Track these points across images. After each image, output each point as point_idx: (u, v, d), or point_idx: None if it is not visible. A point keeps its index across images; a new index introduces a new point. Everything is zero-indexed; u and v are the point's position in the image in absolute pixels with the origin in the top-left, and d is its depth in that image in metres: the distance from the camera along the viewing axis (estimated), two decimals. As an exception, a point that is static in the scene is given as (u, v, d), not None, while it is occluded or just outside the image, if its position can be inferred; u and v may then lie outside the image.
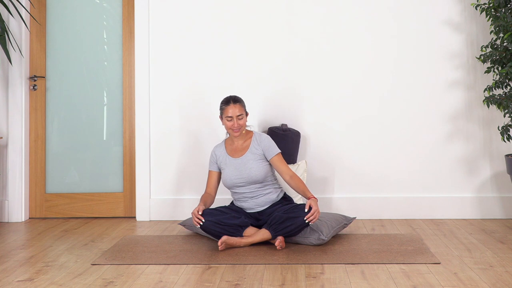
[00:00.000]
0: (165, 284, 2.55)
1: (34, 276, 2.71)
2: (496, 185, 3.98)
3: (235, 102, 3.37)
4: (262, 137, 3.44)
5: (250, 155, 3.39)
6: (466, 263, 2.82)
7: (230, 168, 3.39)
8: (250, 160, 3.37)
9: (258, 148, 3.40)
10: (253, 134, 3.46)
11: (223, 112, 3.38)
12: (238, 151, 3.43)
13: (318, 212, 3.12)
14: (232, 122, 3.35)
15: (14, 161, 4.12)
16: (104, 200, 4.21)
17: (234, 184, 3.38)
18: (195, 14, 4.12)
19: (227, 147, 3.47)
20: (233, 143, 3.46)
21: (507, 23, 3.49)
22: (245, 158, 3.39)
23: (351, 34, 4.06)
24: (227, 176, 3.39)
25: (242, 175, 3.36)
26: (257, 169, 3.35)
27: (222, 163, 3.45)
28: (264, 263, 2.85)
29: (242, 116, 3.37)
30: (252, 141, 3.43)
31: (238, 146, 3.45)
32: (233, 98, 3.40)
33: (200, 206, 3.24)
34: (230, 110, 3.35)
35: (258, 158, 3.38)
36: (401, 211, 3.99)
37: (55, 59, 4.27)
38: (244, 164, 3.37)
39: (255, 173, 3.34)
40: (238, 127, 3.35)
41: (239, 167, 3.37)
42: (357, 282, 2.53)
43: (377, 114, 4.04)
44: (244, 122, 3.39)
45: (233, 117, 3.34)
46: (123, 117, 4.22)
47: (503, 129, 3.65)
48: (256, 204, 3.37)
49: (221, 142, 3.54)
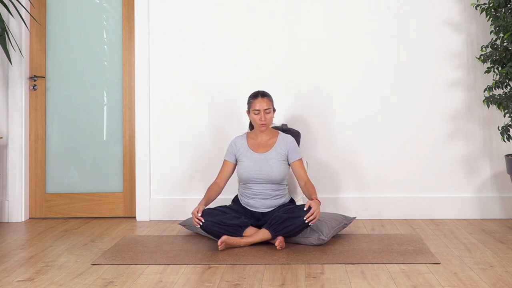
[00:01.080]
0: (165, 284, 2.55)
1: (34, 276, 2.71)
2: (496, 185, 3.98)
3: (263, 96, 3.37)
4: (289, 139, 3.42)
5: (275, 154, 3.37)
6: (466, 263, 2.82)
7: (250, 162, 3.36)
8: (273, 159, 3.36)
9: (283, 148, 3.39)
10: (279, 134, 3.45)
11: (251, 105, 3.37)
12: (262, 147, 3.41)
13: (318, 213, 3.12)
14: (259, 115, 3.34)
15: (14, 161, 4.13)
16: (104, 200, 4.21)
17: (251, 178, 3.35)
18: (195, 14, 4.12)
19: (249, 141, 3.44)
20: (257, 137, 3.44)
21: (507, 23, 3.49)
22: (269, 155, 3.37)
23: (351, 34, 4.06)
24: (245, 169, 3.36)
25: (262, 171, 3.33)
26: (278, 169, 3.34)
27: (241, 155, 3.41)
28: (264, 263, 2.85)
29: (269, 110, 3.36)
30: (278, 140, 3.42)
31: (261, 141, 3.43)
32: (261, 93, 3.39)
33: (200, 206, 3.23)
34: (258, 104, 3.34)
35: (281, 159, 3.37)
36: (401, 211, 3.99)
37: (55, 59, 4.27)
38: (266, 161, 3.35)
39: (275, 173, 3.33)
40: (265, 120, 3.34)
41: (260, 163, 3.35)
42: (357, 282, 2.53)
43: (377, 114, 4.04)
44: (271, 117, 3.38)
45: (260, 111, 3.33)
46: (123, 117, 4.22)
47: (503, 129, 3.65)
48: (263, 204, 3.36)
49: (242, 134, 3.51)
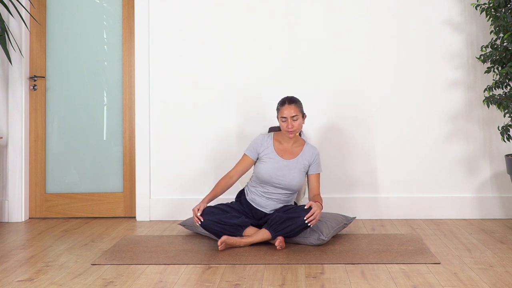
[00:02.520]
0: (165, 284, 2.55)
1: (34, 276, 2.71)
2: (496, 185, 3.98)
3: (291, 103, 3.29)
4: (316, 151, 3.39)
5: (299, 163, 3.34)
6: (466, 263, 2.82)
7: (273, 165, 3.32)
8: (296, 168, 3.32)
9: (308, 159, 3.36)
10: (306, 144, 3.40)
11: (279, 112, 3.31)
12: (287, 153, 3.37)
13: (318, 214, 3.12)
14: (286, 123, 3.28)
15: (14, 161, 4.13)
16: (104, 200, 4.21)
17: (270, 181, 3.31)
18: (195, 14, 4.12)
19: (275, 143, 3.39)
20: (283, 142, 3.39)
21: (507, 23, 3.49)
22: (293, 163, 3.33)
23: (351, 34, 4.06)
24: (267, 171, 3.31)
25: (284, 178, 3.30)
26: (299, 179, 3.32)
27: (266, 155, 3.36)
28: (264, 263, 2.85)
29: (297, 117, 3.28)
30: (304, 150, 3.37)
31: (287, 147, 3.38)
32: (289, 99, 3.32)
33: (202, 203, 3.23)
34: (286, 111, 3.27)
35: (303, 169, 3.34)
36: (401, 211, 3.99)
37: (55, 59, 4.27)
38: (289, 169, 3.31)
39: (295, 183, 3.31)
40: (292, 128, 3.27)
41: (283, 169, 3.31)
42: (357, 282, 2.53)
43: (377, 113, 4.04)
44: (300, 123, 3.30)
45: (287, 118, 3.27)
46: (123, 117, 4.22)
47: (503, 129, 3.65)
48: (269, 205, 3.35)
49: (269, 134, 3.44)
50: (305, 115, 3.38)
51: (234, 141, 4.06)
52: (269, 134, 3.45)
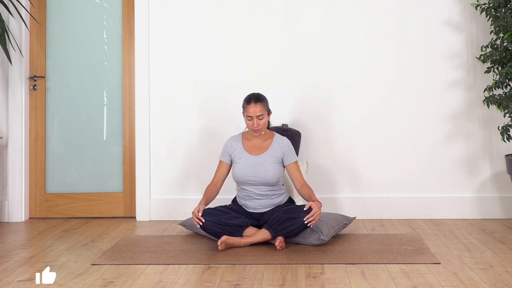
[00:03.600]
0: (165, 284, 2.55)
1: (34, 276, 2.71)
2: (496, 185, 3.98)
3: (256, 102, 3.29)
4: (284, 141, 3.39)
5: (269, 156, 3.34)
6: (466, 263, 2.82)
7: (245, 164, 3.34)
8: (267, 162, 3.33)
9: (278, 151, 3.36)
10: (275, 136, 3.41)
11: (244, 110, 3.31)
12: (256, 149, 3.38)
13: (318, 215, 3.11)
14: (252, 121, 3.29)
15: (14, 161, 4.12)
16: (104, 200, 4.21)
17: (245, 180, 3.33)
18: (195, 14, 4.12)
19: (244, 141, 3.41)
20: (252, 139, 3.40)
21: (507, 23, 3.49)
22: (263, 157, 3.34)
23: (351, 34, 4.06)
24: (240, 171, 3.34)
25: (257, 174, 3.31)
26: (273, 172, 3.32)
27: (236, 156, 3.38)
28: (264, 263, 2.85)
29: (263, 116, 3.29)
30: (274, 142, 3.38)
31: (256, 143, 3.39)
32: (255, 97, 3.32)
33: (200, 205, 3.23)
34: (251, 110, 3.27)
35: (275, 161, 3.34)
36: (401, 211, 3.99)
37: (55, 59, 4.27)
38: (260, 164, 3.33)
39: (270, 176, 3.31)
40: (257, 127, 3.29)
41: (254, 165, 3.33)
42: (357, 282, 2.53)
43: (377, 114, 4.04)
44: (265, 122, 3.32)
45: (253, 117, 3.28)
46: (123, 117, 4.22)
47: (503, 129, 3.65)
48: (260, 205, 3.36)
49: (237, 135, 3.47)
50: (271, 112, 3.39)
51: (234, 141, 4.06)
52: (238, 134, 3.47)
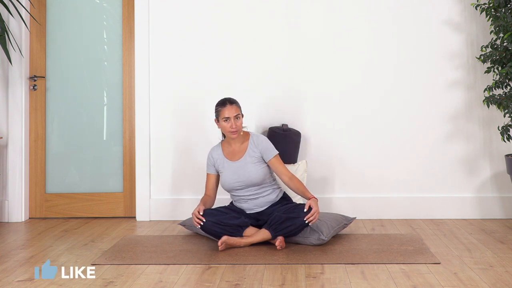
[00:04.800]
0: (165, 284, 2.55)
1: (34, 276, 2.71)
2: (496, 185, 3.98)
3: (231, 103, 3.32)
4: (260, 139, 3.39)
5: (248, 158, 3.35)
6: (466, 263, 2.82)
7: (228, 172, 3.36)
8: (248, 163, 3.34)
9: (255, 150, 3.36)
10: (250, 136, 3.41)
11: (220, 113, 3.32)
12: (236, 154, 3.39)
13: (318, 212, 3.12)
14: (230, 123, 3.30)
15: (14, 161, 4.12)
16: (104, 200, 4.21)
17: (232, 187, 3.36)
18: (195, 14, 4.12)
19: (224, 150, 3.43)
20: (230, 145, 3.42)
21: (507, 23, 3.49)
22: (243, 161, 3.35)
23: (351, 34, 4.06)
24: (225, 180, 3.37)
25: (240, 178, 3.33)
26: (255, 172, 3.32)
27: (220, 166, 3.41)
28: (264, 263, 2.85)
29: (239, 116, 3.32)
30: (250, 143, 3.39)
31: (235, 148, 3.40)
32: (229, 99, 3.35)
33: (200, 206, 3.24)
34: (227, 111, 3.29)
35: (256, 161, 3.35)
36: (401, 211, 3.99)
37: (55, 59, 4.27)
38: (242, 168, 3.34)
39: (253, 176, 3.32)
40: (236, 128, 3.30)
41: (237, 171, 3.34)
42: (357, 282, 2.53)
43: (377, 114, 4.04)
44: (241, 123, 3.35)
45: (230, 118, 3.29)
46: (123, 117, 4.22)
47: (503, 129, 3.65)
48: (255, 205, 3.36)
49: (217, 145, 3.49)
50: (243, 115, 3.40)
51: (234, 141, 4.06)
52: (217, 144, 3.49)
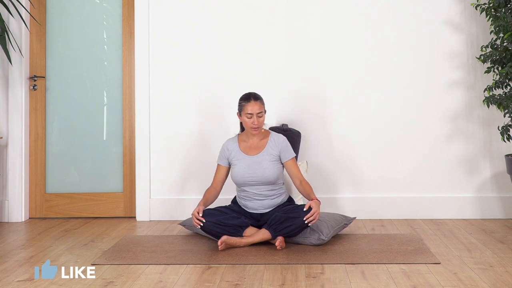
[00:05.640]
0: (165, 284, 2.55)
1: (34, 276, 2.71)
2: (496, 185, 3.98)
3: (256, 99, 3.30)
4: (280, 138, 3.38)
5: (266, 155, 3.34)
6: (466, 263, 2.82)
7: (243, 165, 3.34)
8: (265, 160, 3.33)
9: (275, 149, 3.35)
10: (270, 134, 3.41)
11: (243, 108, 3.31)
12: (253, 149, 3.38)
13: (318, 213, 3.11)
14: (252, 119, 3.28)
15: (14, 161, 4.12)
16: (104, 200, 4.21)
17: (245, 181, 3.33)
18: (195, 14, 4.12)
19: (240, 143, 3.41)
20: (248, 140, 3.40)
21: (507, 23, 3.49)
22: (260, 157, 3.34)
23: (351, 34, 4.06)
24: (239, 173, 3.34)
25: (255, 174, 3.31)
26: (271, 170, 3.32)
27: (234, 158, 3.38)
28: (264, 263, 2.85)
29: (261, 113, 3.30)
30: (269, 141, 3.38)
31: (253, 143, 3.39)
32: (253, 95, 3.33)
33: (200, 206, 3.23)
34: (250, 107, 3.28)
35: (273, 159, 3.34)
36: (401, 211, 3.99)
37: (55, 59, 4.27)
38: (258, 163, 3.33)
39: (268, 174, 3.31)
40: (257, 124, 3.29)
41: (252, 166, 3.33)
42: (357, 282, 2.53)
43: (377, 114, 4.04)
44: (263, 120, 3.33)
45: (253, 114, 3.28)
46: (123, 117, 4.22)
47: (503, 129, 3.65)
48: (261, 205, 3.35)
49: (234, 137, 3.47)
50: (266, 111, 3.39)
51: (234, 141, 4.06)
52: (234, 137, 3.47)
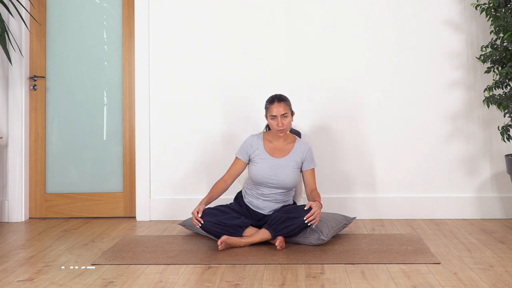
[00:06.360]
0: (165, 284, 2.56)
1: (34, 276, 2.71)
2: (496, 185, 3.98)
3: (280, 101, 3.28)
4: (306, 147, 3.37)
5: (291, 161, 3.32)
6: (466, 263, 2.82)
7: (266, 166, 3.30)
8: (289, 166, 3.31)
9: (300, 156, 3.34)
10: (297, 140, 3.38)
11: (268, 110, 3.30)
12: (278, 151, 3.35)
13: (318, 214, 3.11)
14: (276, 121, 3.26)
15: (14, 161, 4.12)
16: (104, 200, 4.21)
17: (265, 182, 3.30)
18: (195, 14, 4.12)
19: (265, 142, 3.37)
20: (274, 141, 3.38)
21: (507, 23, 3.49)
22: (285, 161, 3.31)
23: (351, 34, 4.06)
24: (260, 172, 3.30)
25: (277, 177, 3.29)
26: (293, 177, 3.30)
27: (257, 156, 3.34)
28: (264, 263, 2.85)
29: (287, 115, 3.27)
30: (296, 147, 3.36)
31: (278, 146, 3.36)
32: (278, 97, 3.30)
33: (200, 206, 3.23)
34: (275, 109, 3.26)
35: (296, 166, 3.32)
36: (401, 211, 3.99)
37: (55, 59, 4.27)
38: (282, 167, 3.30)
39: (290, 180, 3.30)
40: (282, 126, 3.26)
41: (275, 168, 3.30)
42: (357, 282, 2.53)
43: (377, 113, 4.04)
44: (289, 121, 3.29)
45: (277, 116, 3.25)
46: (123, 117, 4.22)
47: (503, 129, 3.65)
48: (267, 207, 3.34)
49: (259, 134, 3.44)
50: (294, 113, 3.37)
51: (235, 141, 4.06)
52: (259, 134, 3.43)
